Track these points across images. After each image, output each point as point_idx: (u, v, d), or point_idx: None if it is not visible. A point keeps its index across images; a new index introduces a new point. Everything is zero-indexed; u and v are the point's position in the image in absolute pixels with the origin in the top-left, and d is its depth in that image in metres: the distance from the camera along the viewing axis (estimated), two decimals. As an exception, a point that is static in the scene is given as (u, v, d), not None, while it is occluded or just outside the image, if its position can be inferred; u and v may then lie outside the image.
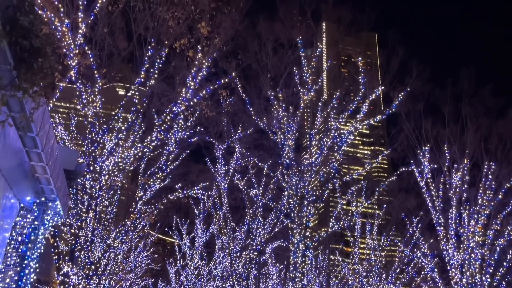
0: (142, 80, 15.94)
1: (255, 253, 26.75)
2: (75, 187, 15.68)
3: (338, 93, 21.78)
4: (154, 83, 16.33)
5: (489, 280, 22.42)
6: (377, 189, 27.80)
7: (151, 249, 42.79)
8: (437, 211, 23.57)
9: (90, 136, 16.29)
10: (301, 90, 20.56)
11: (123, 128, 16.63)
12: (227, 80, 18.98)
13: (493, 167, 23.12)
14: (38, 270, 11.55)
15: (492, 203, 22.93)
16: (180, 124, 18.30)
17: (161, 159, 20.84)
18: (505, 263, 23.20)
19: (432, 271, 26.04)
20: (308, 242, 19.95)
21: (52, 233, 15.39)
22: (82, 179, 15.86)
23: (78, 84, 15.00)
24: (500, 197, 23.00)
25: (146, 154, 19.31)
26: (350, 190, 26.95)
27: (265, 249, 30.57)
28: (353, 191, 27.26)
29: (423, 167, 23.81)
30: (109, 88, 19.81)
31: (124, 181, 20.33)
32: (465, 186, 23.30)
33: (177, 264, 41.72)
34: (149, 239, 39.58)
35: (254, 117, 22.00)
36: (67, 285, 15.57)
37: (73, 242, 16.10)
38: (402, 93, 20.23)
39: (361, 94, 20.15)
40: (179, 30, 16.70)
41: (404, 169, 25.02)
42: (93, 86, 15.78)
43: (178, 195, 23.17)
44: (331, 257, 43.87)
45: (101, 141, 16.31)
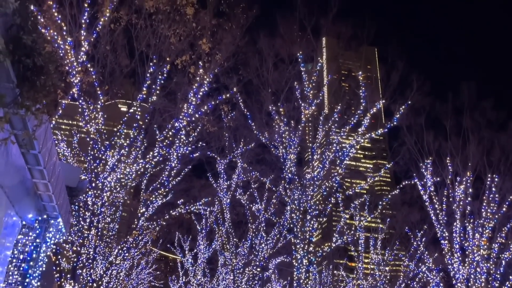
0: (144, 96, 16.06)
1: (258, 269, 26.50)
2: (77, 204, 15.64)
3: (339, 107, 21.85)
4: (156, 99, 16.44)
5: (495, 294, 22.14)
6: (380, 203, 27.63)
7: (153, 266, 42.42)
8: (441, 224, 23.39)
9: (92, 152, 16.32)
10: (302, 104, 20.65)
11: (125, 144, 16.67)
12: (228, 95, 19.09)
13: (496, 179, 23.03)
14: (39, 288, 11.45)
15: (496, 216, 22.78)
16: (182, 139, 18.34)
17: (163, 175, 20.83)
18: (511, 277, 22.92)
19: (437, 286, 25.72)
20: (311, 257, 19.77)
21: (54, 250, 15.29)
22: (84, 196, 15.82)
23: (80, 101, 15.10)
24: (504, 209, 22.87)
25: (148, 170, 19.30)
26: (353, 204, 26.84)
27: (268, 265, 30.28)
28: (356, 205, 27.16)
29: (425, 180, 23.73)
30: (111, 104, 19.93)
31: (126, 197, 20.26)
32: (469, 199, 23.16)
33: (180, 281, 41.31)
34: (151, 256, 39.28)
35: (255, 132, 22.07)
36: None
37: (75, 259, 15.99)
38: (403, 107, 20.29)
39: (362, 107, 20.20)
40: (181, 46, 16.91)
41: (406, 182, 24.97)
42: (95, 103, 15.88)
43: (180, 210, 23.08)
44: (335, 272, 43.41)
45: (103, 157, 16.34)
